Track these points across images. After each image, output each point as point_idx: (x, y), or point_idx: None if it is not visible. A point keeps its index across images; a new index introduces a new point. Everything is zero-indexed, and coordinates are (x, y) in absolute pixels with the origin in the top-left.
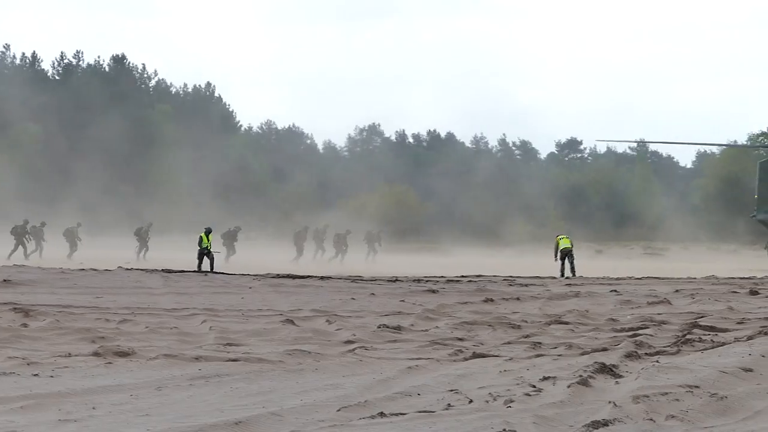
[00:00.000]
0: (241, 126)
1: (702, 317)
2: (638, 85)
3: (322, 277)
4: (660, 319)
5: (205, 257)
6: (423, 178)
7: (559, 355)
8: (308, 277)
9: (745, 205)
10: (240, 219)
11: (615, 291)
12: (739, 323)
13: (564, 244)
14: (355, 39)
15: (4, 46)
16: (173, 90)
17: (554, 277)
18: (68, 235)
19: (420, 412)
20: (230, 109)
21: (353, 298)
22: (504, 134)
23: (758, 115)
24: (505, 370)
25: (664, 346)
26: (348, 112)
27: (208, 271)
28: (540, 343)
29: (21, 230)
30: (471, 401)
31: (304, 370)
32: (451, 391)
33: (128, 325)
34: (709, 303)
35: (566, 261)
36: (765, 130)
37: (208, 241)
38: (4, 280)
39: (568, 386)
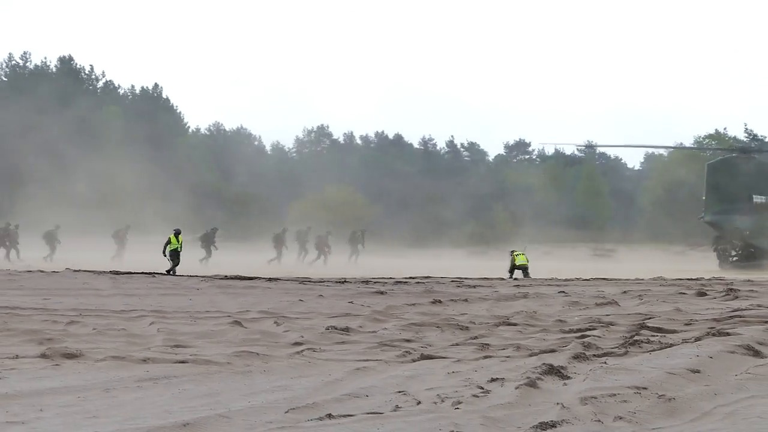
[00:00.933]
0: (189, 128)
1: (650, 318)
2: (586, 87)
3: (270, 279)
4: (608, 320)
5: (171, 257)
6: (371, 180)
7: (507, 357)
8: (256, 278)
9: (693, 207)
10: (187, 221)
11: (563, 292)
12: (687, 324)
13: (520, 260)
14: (302, 39)
15: None
16: (121, 91)
17: (502, 279)
18: (48, 237)
19: (368, 413)
20: (178, 111)
21: (301, 300)
22: (452, 136)
23: (705, 118)
24: (453, 372)
25: (612, 348)
26: (296, 113)
27: (164, 272)
28: (488, 344)
29: (2, 233)
30: (419, 403)
31: (252, 372)
32: (399, 392)
33: (76, 327)
34: (657, 304)
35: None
36: (712, 132)
37: (179, 242)
38: None
39: (516, 388)
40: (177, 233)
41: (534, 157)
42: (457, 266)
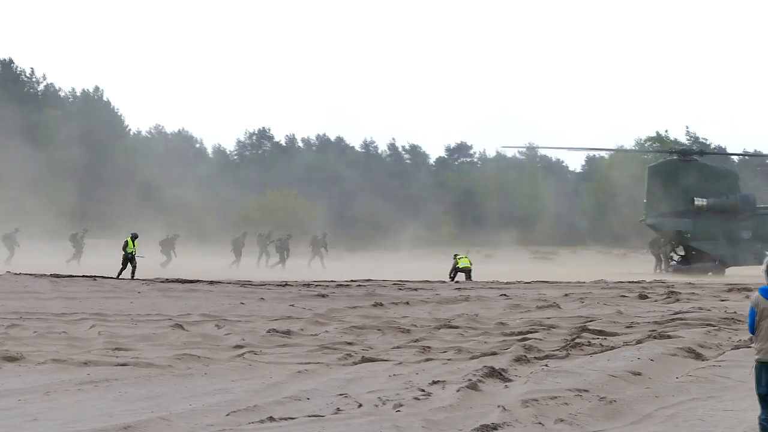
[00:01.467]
0: (130, 130)
1: (591, 321)
2: (527, 90)
3: (211, 282)
4: (549, 323)
5: (128, 263)
6: (313, 183)
7: (448, 359)
8: (197, 281)
9: (635, 210)
10: (129, 224)
11: (504, 295)
12: (628, 327)
13: (463, 263)
14: (244, 42)
15: None
16: (62, 94)
17: (444, 282)
18: (6, 240)
19: (309, 416)
20: (119, 114)
21: (242, 303)
22: (394, 138)
23: (647, 120)
24: (394, 375)
25: (554, 350)
26: (238, 116)
27: (117, 276)
28: (429, 347)
29: None
30: (360, 405)
31: (193, 375)
32: (341, 395)
33: (16, 330)
34: (599, 307)
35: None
36: (654, 135)
37: (134, 246)
38: None
39: (458, 390)
40: (134, 237)
41: (475, 159)
42: (399, 269)
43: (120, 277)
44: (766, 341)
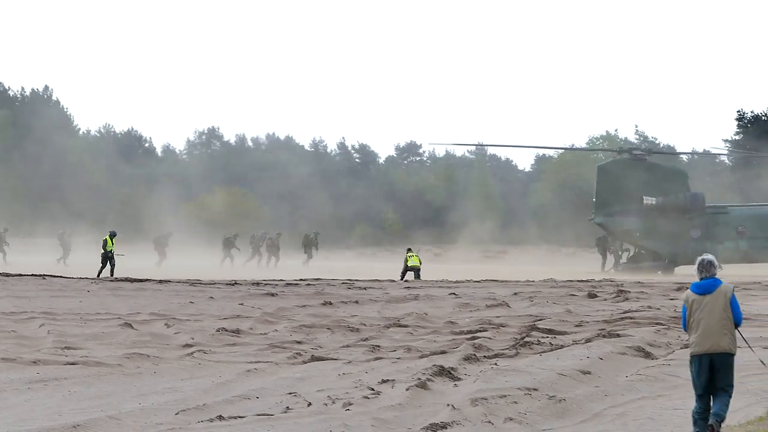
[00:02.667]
0: (79, 129)
1: (540, 320)
2: (477, 88)
3: (160, 281)
4: (498, 321)
5: (108, 261)
6: (262, 182)
7: (397, 358)
8: (146, 280)
9: (584, 208)
10: (78, 222)
11: (454, 294)
12: (577, 326)
13: (413, 261)
14: (193, 41)
15: None
16: (11, 93)
17: (393, 281)
18: None
19: (259, 415)
20: (68, 113)
21: (192, 302)
22: (343, 137)
23: (596, 119)
24: (343, 373)
25: (503, 349)
26: (187, 115)
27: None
28: (379, 346)
29: None
30: (310, 404)
31: (142, 374)
32: (290, 394)
33: None
34: (548, 306)
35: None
36: (603, 134)
37: (113, 244)
38: None
39: (407, 389)
40: (113, 235)
41: (425, 158)
42: (348, 268)
43: (100, 276)
44: (696, 335)
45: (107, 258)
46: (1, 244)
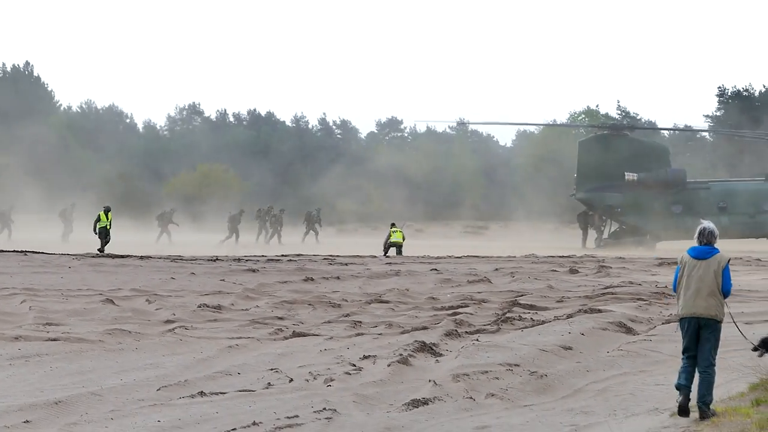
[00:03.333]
0: (60, 105)
1: (522, 296)
2: (458, 64)
3: (141, 257)
4: (480, 297)
5: (100, 234)
6: (244, 158)
7: (379, 334)
8: (128, 256)
9: (566, 184)
10: (61, 199)
11: (435, 270)
12: (558, 302)
13: (395, 237)
14: (173, 17)
15: None
16: None
17: (374, 256)
18: (2, 217)
19: (240, 391)
20: (49, 89)
21: (173, 278)
22: (324, 113)
23: (578, 95)
24: (325, 349)
25: (484, 325)
26: (168, 91)
27: (97, 251)
28: (360, 321)
29: None
30: (291, 380)
31: (124, 350)
32: (272, 370)
33: None
34: (529, 281)
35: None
36: (584, 109)
37: (107, 219)
38: None
39: (389, 365)
40: (107, 210)
41: (406, 134)
42: (329, 244)
43: (104, 250)
44: (684, 297)
45: (105, 233)
46: (8, 221)
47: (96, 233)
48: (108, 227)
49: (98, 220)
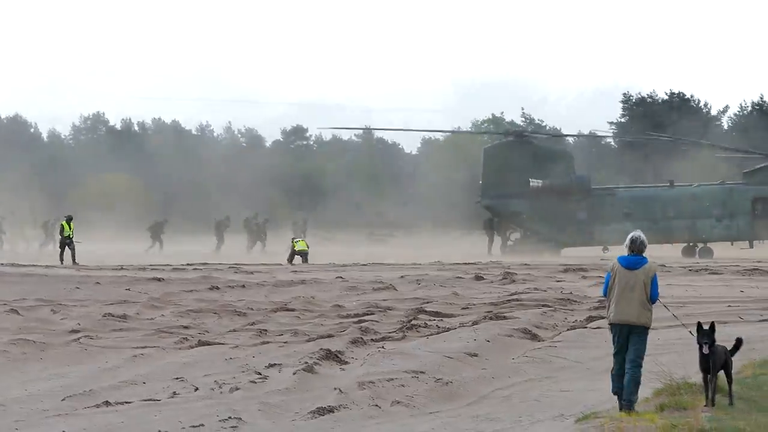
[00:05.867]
0: None
1: (427, 303)
2: (363, 72)
3: (46, 266)
4: (385, 305)
5: (66, 247)
6: (148, 167)
7: (285, 342)
8: (32, 266)
9: (471, 191)
10: None
11: (341, 278)
12: (464, 308)
13: (300, 246)
14: (77, 25)
15: None
16: None
17: (280, 265)
18: None
19: (145, 400)
20: None
21: (78, 287)
22: (229, 121)
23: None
24: (230, 358)
25: (390, 332)
26: (73, 101)
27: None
28: (266, 330)
29: None
30: (197, 389)
31: (28, 360)
32: (177, 379)
33: None
34: (435, 289)
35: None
36: (489, 116)
37: (70, 229)
38: None
39: (294, 373)
40: (69, 220)
41: (311, 143)
42: (235, 253)
43: (63, 262)
44: (614, 305)
45: (65, 243)
46: None
47: (65, 241)
48: (71, 236)
49: (62, 230)
